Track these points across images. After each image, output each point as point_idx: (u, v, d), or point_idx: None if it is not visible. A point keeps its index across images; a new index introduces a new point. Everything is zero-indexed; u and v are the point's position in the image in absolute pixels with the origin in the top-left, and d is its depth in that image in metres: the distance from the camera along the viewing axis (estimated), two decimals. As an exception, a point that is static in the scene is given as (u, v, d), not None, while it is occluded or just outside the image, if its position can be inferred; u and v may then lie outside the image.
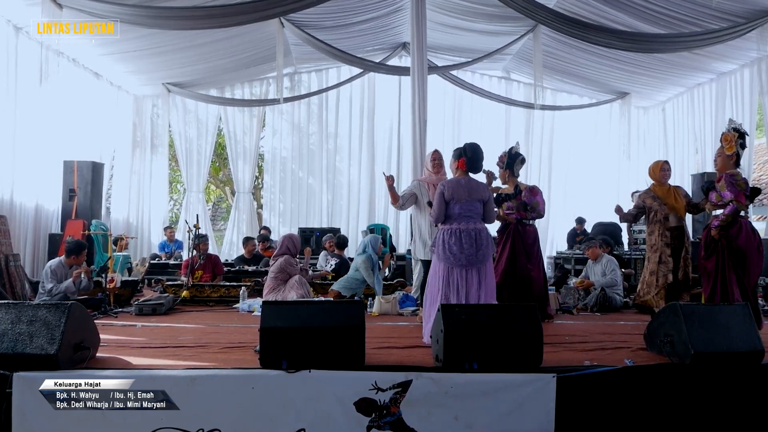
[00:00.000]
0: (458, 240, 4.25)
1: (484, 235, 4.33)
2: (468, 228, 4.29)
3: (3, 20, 7.56)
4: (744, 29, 7.62)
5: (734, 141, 4.82)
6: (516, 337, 3.44)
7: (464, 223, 4.31)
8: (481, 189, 4.46)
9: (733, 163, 4.86)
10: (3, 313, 3.34)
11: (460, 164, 4.49)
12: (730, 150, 4.86)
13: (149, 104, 11.76)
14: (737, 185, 4.69)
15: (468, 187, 4.40)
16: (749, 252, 4.78)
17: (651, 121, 12.56)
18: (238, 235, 11.79)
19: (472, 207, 4.36)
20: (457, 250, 4.23)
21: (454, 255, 4.24)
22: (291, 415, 3.20)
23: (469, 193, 4.38)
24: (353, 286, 6.71)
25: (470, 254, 4.23)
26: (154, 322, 5.35)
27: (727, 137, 4.90)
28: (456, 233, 4.28)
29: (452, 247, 4.25)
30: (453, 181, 4.49)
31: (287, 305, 3.98)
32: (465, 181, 4.45)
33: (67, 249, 6.09)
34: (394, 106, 12.37)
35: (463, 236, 4.26)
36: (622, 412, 3.41)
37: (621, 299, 6.62)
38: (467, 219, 4.33)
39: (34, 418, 3.11)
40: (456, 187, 4.39)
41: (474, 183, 4.47)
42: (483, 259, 4.30)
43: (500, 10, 8.38)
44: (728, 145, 4.86)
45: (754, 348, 3.56)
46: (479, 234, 4.30)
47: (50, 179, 8.79)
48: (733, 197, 4.64)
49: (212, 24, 7.34)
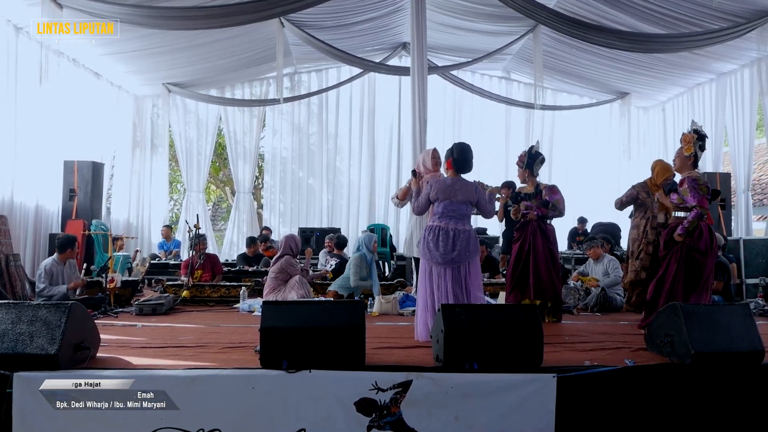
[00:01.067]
0: (436, 237, 4.34)
1: (463, 237, 4.35)
2: (447, 227, 4.35)
3: (3, 20, 7.56)
4: (744, 29, 7.62)
5: (693, 142, 4.84)
6: (516, 337, 3.44)
7: (444, 222, 4.37)
8: (469, 190, 4.47)
9: (690, 164, 4.87)
10: (3, 313, 3.34)
11: (448, 165, 4.56)
12: (688, 151, 4.88)
13: (149, 104, 11.76)
14: (699, 190, 4.71)
15: (455, 188, 4.44)
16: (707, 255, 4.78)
17: (651, 121, 12.56)
18: (239, 235, 11.80)
19: (455, 208, 4.40)
20: (434, 247, 4.33)
21: (431, 252, 4.35)
22: (291, 415, 3.20)
23: (456, 194, 4.42)
24: (349, 286, 6.70)
25: (445, 253, 4.30)
26: (155, 322, 5.36)
27: (686, 138, 4.92)
28: (435, 231, 4.37)
29: (430, 244, 4.35)
30: (440, 180, 4.56)
31: (287, 305, 3.99)
32: (452, 181, 4.49)
33: (59, 246, 6.07)
34: (394, 106, 12.37)
35: (441, 235, 4.33)
36: (622, 413, 3.41)
37: (621, 299, 6.62)
38: (448, 218, 4.38)
39: (35, 418, 3.11)
40: (441, 187, 4.45)
41: (462, 184, 4.49)
42: (459, 259, 4.32)
43: (500, 10, 8.38)
44: (687, 145, 4.88)
45: (755, 348, 3.56)
46: (458, 234, 4.34)
47: (50, 179, 8.79)
48: (696, 203, 4.66)
49: (212, 24, 7.34)
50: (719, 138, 10.13)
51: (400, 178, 12.24)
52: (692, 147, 4.83)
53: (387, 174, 12.44)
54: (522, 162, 5.72)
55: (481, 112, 12.44)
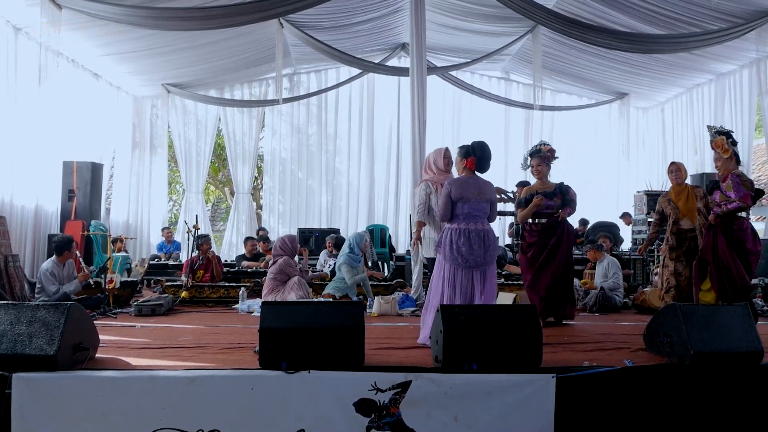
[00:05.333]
0: (467, 240, 4.15)
1: (491, 237, 4.27)
2: (477, 228, 4.20)
3: (2, 21, 7.55)
4: (743, 30, 7.62)
5: (725, 143, 4.85)
6: (515, 338, 3.44)
7: (473, 223, 4.21)
8: (489, 189, 4.38)
9: (734, 163, 4.88)
10: (2, 314, 3.34)
11: (469, 163, 4.36)
12: (726, 153, 4.89)
13: (149, 105, 11.75)
14: (743, 185, 4.72)
15: (476, 187, 4.31)
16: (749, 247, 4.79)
17: (650, 122, 12.58)
18: (238, 236, 11.78)
19: (480, 207, 4.26)
20: (466, 251, 4.13)
21: (462, 256, 4.14)
22: (290, 415, 3.20)
23: (479, 193, 4.28)
24: (342, 286, 6.64)
25: (479, 255, 4.15)
26: (154, 323, 5.35)
27: (717, 143, 4.94)
28: (465, 233, 4.17)
29: (461, 248, 4.14)
30: (460, 180, 4.37)
31: (287, 306, 3.98)
32: (473, 180, 4.35)
33: (56, 247, 6.04)
34: (393, 107, 12.38)
35: (473, 237, 4.16)
36: (621, 413, 3.41)
37: (620, 300, 6.62)
38: (475, 219, 4.23)
39: (34, 419, 3.11)
40: (463, 186, 4.28)
41: (482, 183, 4.38)
42: (491, 261, 4.25)
43: (499, 11, 8.39)
44: (722, 149, 4.90)
45: (754, 348, 3.56)
46: (487, 235, 4.23)
47: (49, 180, 8.77)
48: (739, 197, 4.67)
49: (211, 25, 7.34)
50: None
51: (399, 178, 12.26)
52: (728, 147, 4.85)
53: (386, 175, 12.45)
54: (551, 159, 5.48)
55: (480, 112, 12.44)
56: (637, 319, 5.67)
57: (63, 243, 6.08)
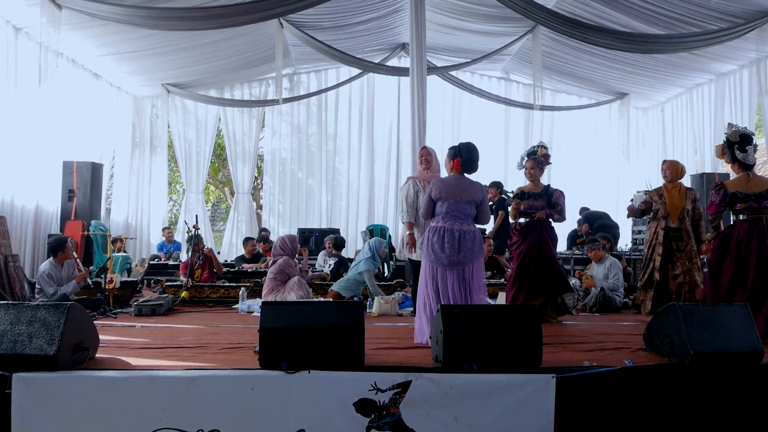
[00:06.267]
0: (440, 239, 4.25)
1: (468, 237, 4.29)
2: (452, 228, 4.27)
3: (2, 21, 7.55)
4: (743, 30, 7.63)
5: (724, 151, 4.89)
6: (515, 338, 3.44)
7: (449, 223, 4.29)
8: (474, 190, 4.39)
9: (738, 168, 4.86)
10: (2, 314, 3.34)
11: (455, 164, 4.43)
12: (728, 161, 4.95)
13: (149, 105, 11.75)
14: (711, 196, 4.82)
15: (459, 188, 4.36)
16: None
17: (650, 122, 12.57)
18: (238, 236, 11.78)
19: (460, 208, 4.32)
20: (439, 248, 4.24)
21: (436, 254, 4.25)
22: (290, 415, 3.20)
23: (460, 193, 4.33)
24: (353, 288, 6.69)
25: (452, 255, 4.22)
26: (154, 323, 5.35)
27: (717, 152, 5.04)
28: (440, 232, 4.28)
29: (435, 245, 4.26)
30: (444, 180, 4.47)
31: (287, 306, 3.98)
32: (456, 181, 4.40)
33: (51, 249, 6.07)
34: (393, 107, 12.37)
35: (446, 236, 4.25)
36: (621, 413, 3.41)
37: (621, 300, 6.62)
38: (453, 219, 4.30)
39: (34, 419, 3.11)
40: (445, 186, 4.36)
41: (467, 184, 4.41)
42: (464, 261, 4.26)
43: (499, 11, 8.39)
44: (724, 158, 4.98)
45: (754, 348, 3.56)
46: (463, 235, 4.27)
47: (49, 180, 8.78)
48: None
49: (211, 25, 7.34)
50: (718, 138, 10.13)
51: (399, 178, 12.24)
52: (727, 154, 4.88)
53: (386, 174, 12.44)
54: (546, 161, 5.74)
55: (480, 112, 12.43)
56: (637, 319, 5.67)
57: (56, 244, 6.10)
